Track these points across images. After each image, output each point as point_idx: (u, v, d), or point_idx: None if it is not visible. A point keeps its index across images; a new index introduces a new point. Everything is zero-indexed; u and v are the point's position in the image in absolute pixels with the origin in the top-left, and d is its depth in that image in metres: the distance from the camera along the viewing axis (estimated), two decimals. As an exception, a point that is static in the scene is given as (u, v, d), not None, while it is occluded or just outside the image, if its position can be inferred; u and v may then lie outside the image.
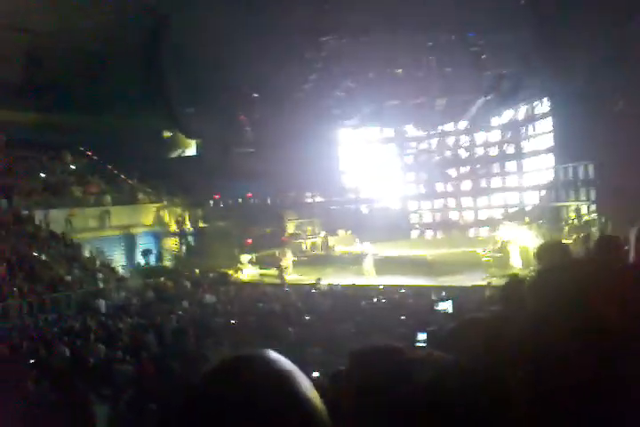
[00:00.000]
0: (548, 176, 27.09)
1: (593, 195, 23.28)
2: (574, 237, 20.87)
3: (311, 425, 0.81)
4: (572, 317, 1.42)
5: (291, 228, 28.83)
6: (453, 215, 31.24)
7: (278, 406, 0.79)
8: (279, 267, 22.01)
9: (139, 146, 27.09)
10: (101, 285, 19.74)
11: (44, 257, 19.82)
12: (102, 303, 17.43)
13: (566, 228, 22.38)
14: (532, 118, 28.10)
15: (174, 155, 32.62)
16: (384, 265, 20.85)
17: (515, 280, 3.38)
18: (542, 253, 3.41)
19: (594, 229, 21.40)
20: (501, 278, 14.15)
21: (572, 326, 1.39)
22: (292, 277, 22.02)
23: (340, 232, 28.79)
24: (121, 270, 23.15)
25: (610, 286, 1.47)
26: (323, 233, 28.00)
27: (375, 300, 15.49)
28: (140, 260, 25.24)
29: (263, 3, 23.51)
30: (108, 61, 25.25)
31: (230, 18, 23.63)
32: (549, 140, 26.72)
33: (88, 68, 25.45)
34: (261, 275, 23.71)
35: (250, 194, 29.39)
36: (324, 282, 18.48)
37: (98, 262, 21.70)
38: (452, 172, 31.27)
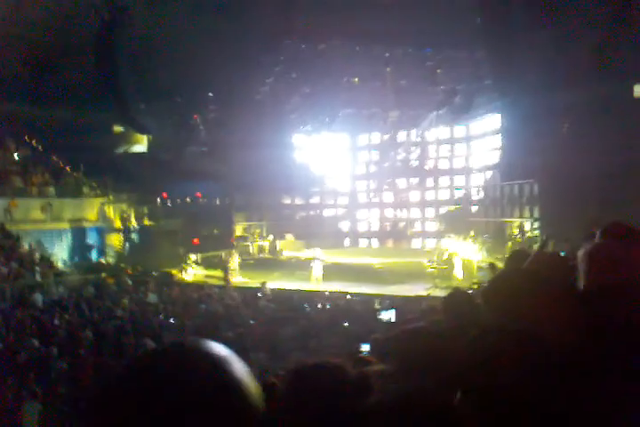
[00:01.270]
0: (494, 192, 27.75)
1: (536, 212, 23.96)
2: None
3: (242, 408, 0.83)
4: (521, 339, 1.47)
5: (239, 230, 28.69)
6: (401, 225, 31.64)
7: (209, 389, 0.81)
8: (225, 269, 21.86)
9: (87, 139, 26.46)
10: (39, 278, 19.19)
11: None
12: (39, 298, 16.95)
13: (509, 243, 22.97)
14: (481, 134, 28.79)
15: (123, 150, 32.00)
16: (331, 272, 20.98)
17: (456, 292, 3.47)
18: (509, 259, 3.52)
19: (536, 246, 22.04)
20: (444, 289, 14.44)
21: (522, 351, 1.44)
22: (237, 279, 21.90)
23: (289, 236, 28.81)
24: (61, 265, 22.55)
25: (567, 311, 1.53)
26: (271, 237, 27.97)
27: (320, 305, 15.57)
28: (82, 255, 24.64)
29: (223, 3, 23.39)
30: (58, 52, 24.62)
31: (189, 15, 23.42)
32: (496, 157, 27.41)
33: (37, 57, 24.76)
34: (206, 276, 23.49)
35: (199, 193, 29.10)
36: (270, 286, 18.46)
37: (37, 255, 21.08)
38: (402, 182, 31.72)
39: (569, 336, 1.46)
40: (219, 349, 0.88)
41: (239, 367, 0.87)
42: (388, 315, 12.49)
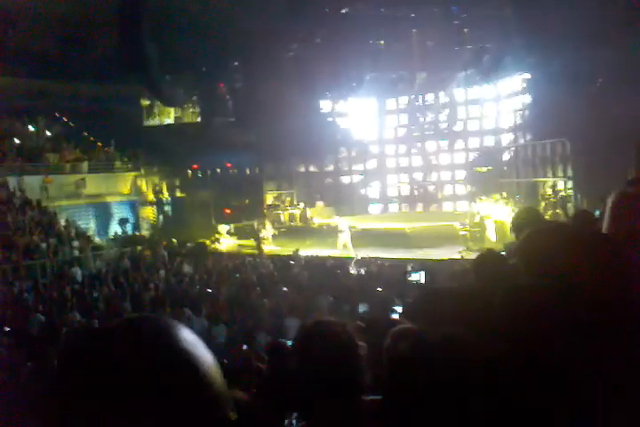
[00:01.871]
0: (525, 151, 27.26)
1: (569, 171, 23.53)
2: (550, 212, 21.20)
3: (192, 384, 0.83)
4: (560, 288, 1.44)
5: (270, 199, 28.82)
6: (431, 188, 31.39)
7: (157, 364, 0.82)
8: (257, 238, 22.06)
9: (116, 113, 26.67)
10: (77, 253, 19.63)
11: (19, 224, 19.61)
12: (78, 272, 17.36)
13: (542, 203, 22.66)
14: (511, 93, 28.15)
15: (152, 123, 32.16)
16: (362, 238, 20.99)
17: (487, 254, 3.44)
18: (521, 217, 3.48)
19: (569, 205, 21.74)
20: (476, 252, 14.36)
21: (560, 301, 1.42)
22: (269, 248, 22.09)
23: (319, 204, 28.85)
24: (97, 239, 23.02)
25: (594, 255, 1.50)
26: (302, 204, 28.05)
27: (352, 271, 15.66)
28: (117, 228, 25.09)
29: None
30: (84, 26, 24.64)
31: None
32: (527, 116, 26.83)
33: (64, 32, 24.82)
34: (239, 246, 23.76)
35: (229, 164, 29.22)
36: (302, 253, 18.58)
37: (73, 230, 21.52)
38: (431, 145, 31.34)
39: (603, 289, 1.43)
40: (179, 328, 0.89)
41: (193, 347, 0.87)
42: (417, 277, 12.52)
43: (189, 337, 0.87)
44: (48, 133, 27.49)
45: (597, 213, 4.40)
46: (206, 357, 0.87)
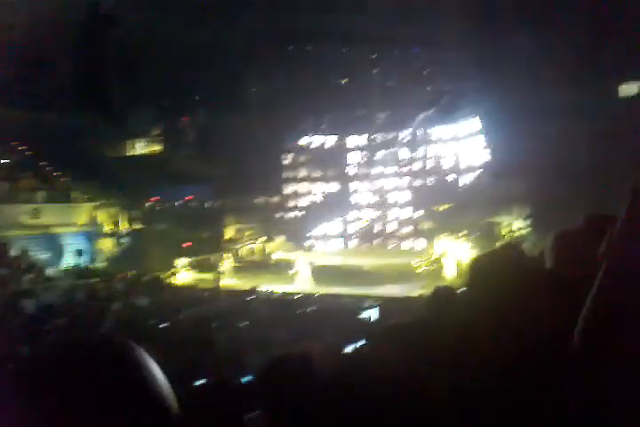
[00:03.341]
0: (483, 191, 27.81)
1: (526, 211, 24.08)
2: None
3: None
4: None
5: (229, 233, 28.65)
6: (390, 226, 31.67)
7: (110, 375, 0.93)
8: (215, 272, 21.85)
9: (75, 143, 26.33)
10: (29, 284, 19.09)
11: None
12: (28, 304, 16.85)
13: (499, 243, 23.05)
14: (469, 134, 28.88)
15: (112, 154, 31.82)
16: (320, 274, 20.98)
17: (440, 290, 3.51)
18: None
19: (526, 244, 22.18)
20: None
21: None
22: (227, 282, 21.88)
23: (279, 238, 28.79)
24: (50, 270, 22.43)
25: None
26: (261, 239, 27.96)
27: (309, 307, 15.59)
28: (71, 260, 24.52)
29: (209, 7, 23.37)
30: (45, 56, 24.50)
31: (176, 20, 23.40)
32: (485, 157, 27.52)
33: (24, 61, 24.60)
34: (197, 279, 23.46)
35: (189, 197, 29.05)
36: (260, 289, 18.44)
37: (26, 261, 20.98)
38: (391, 182, 31.77)
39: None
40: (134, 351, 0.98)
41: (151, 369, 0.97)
42: (370, 314, 12.68)
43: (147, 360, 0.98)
44: (3, 161, 26.91)
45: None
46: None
